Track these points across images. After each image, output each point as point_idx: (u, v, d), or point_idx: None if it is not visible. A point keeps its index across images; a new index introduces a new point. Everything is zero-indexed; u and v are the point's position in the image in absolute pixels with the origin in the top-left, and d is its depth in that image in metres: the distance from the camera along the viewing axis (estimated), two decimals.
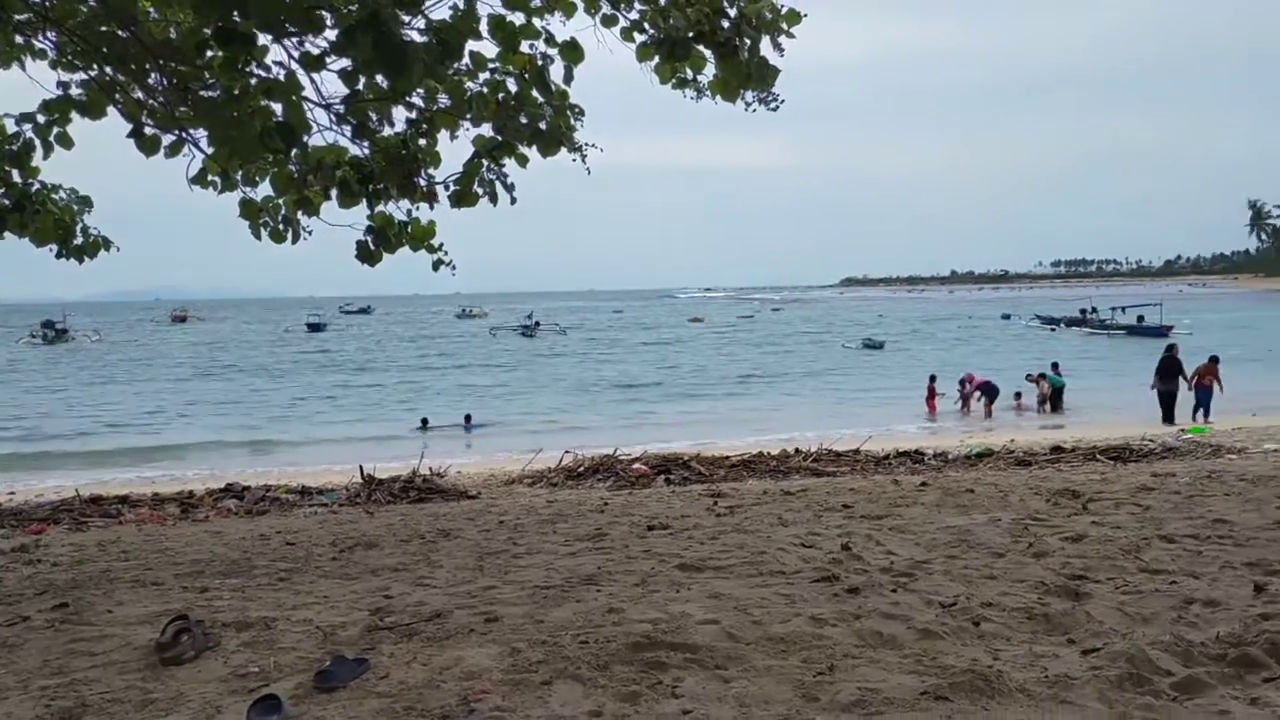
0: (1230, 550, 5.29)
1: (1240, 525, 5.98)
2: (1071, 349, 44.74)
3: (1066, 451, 12.02)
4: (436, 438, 22.30)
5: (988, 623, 4.06)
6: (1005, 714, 3.09)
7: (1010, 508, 7.09)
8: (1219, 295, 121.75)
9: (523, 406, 29.70)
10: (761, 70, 6.09)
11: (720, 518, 7.14)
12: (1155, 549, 5.38)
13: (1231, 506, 6.70)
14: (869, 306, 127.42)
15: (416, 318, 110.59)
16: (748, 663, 3.65)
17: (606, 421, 25.22)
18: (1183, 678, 3.31)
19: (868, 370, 40.84)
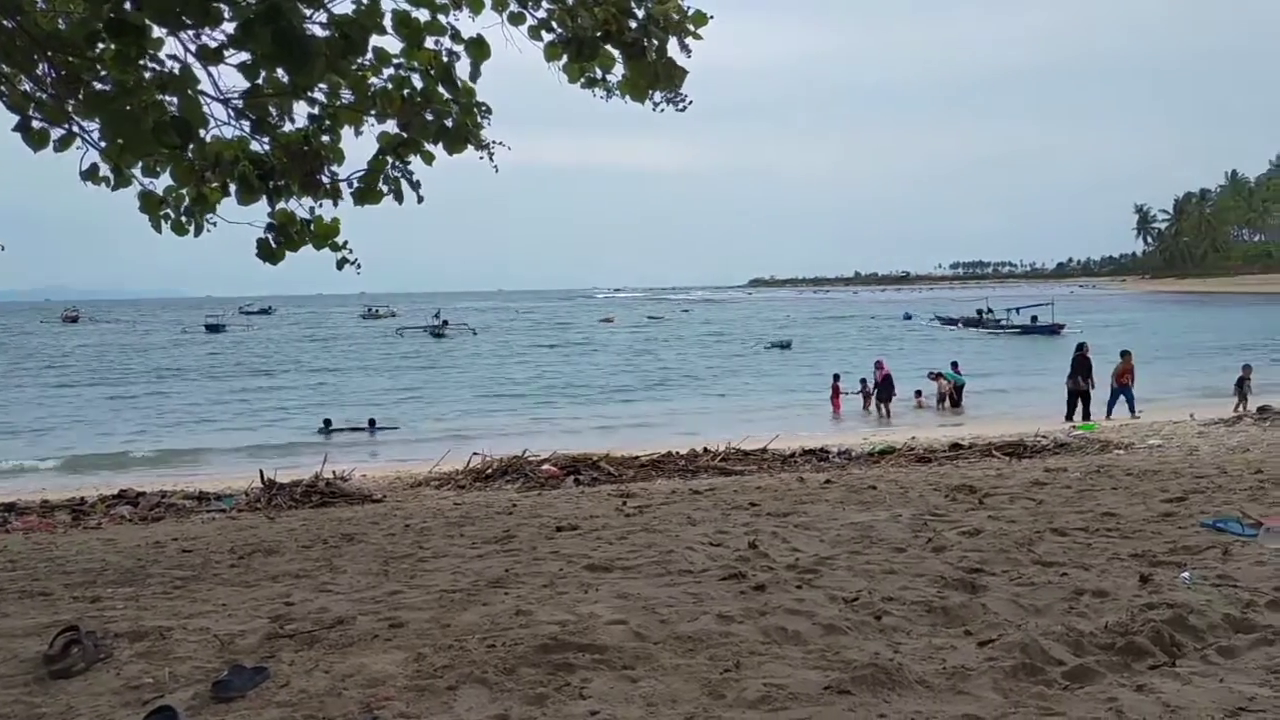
0: (1118, 542, 5.50)
1: (1127, 518, 6.22)
2: (970, 348, 45.99)
3: (965, 448, 12.35)
4: (340, 441, 21.90)
5: (889, 616, 4.15)
6: (905, 705, 3.16)
7: (911, 503, 7.26)
8: (1107, 296, 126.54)
9: (430, 408, 29.36)
10: (669, 71, 6.13)
11: (629, 518, 7.15)
12: (1048, 542, 5.56)
13: (1119, 500, 6.96)
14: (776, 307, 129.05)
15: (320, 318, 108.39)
16: (655, 662, 3.66)
17: (516, 423, 25.07)
18: (1073, 667, 3.42)
19: (775, 370, 41.36)
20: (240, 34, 4.58)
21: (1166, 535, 5.62)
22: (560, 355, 52.66)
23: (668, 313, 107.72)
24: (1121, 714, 3.02)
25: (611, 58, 6.12)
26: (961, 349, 43.26)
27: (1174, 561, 4.96)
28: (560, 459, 11.87)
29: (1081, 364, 20.00)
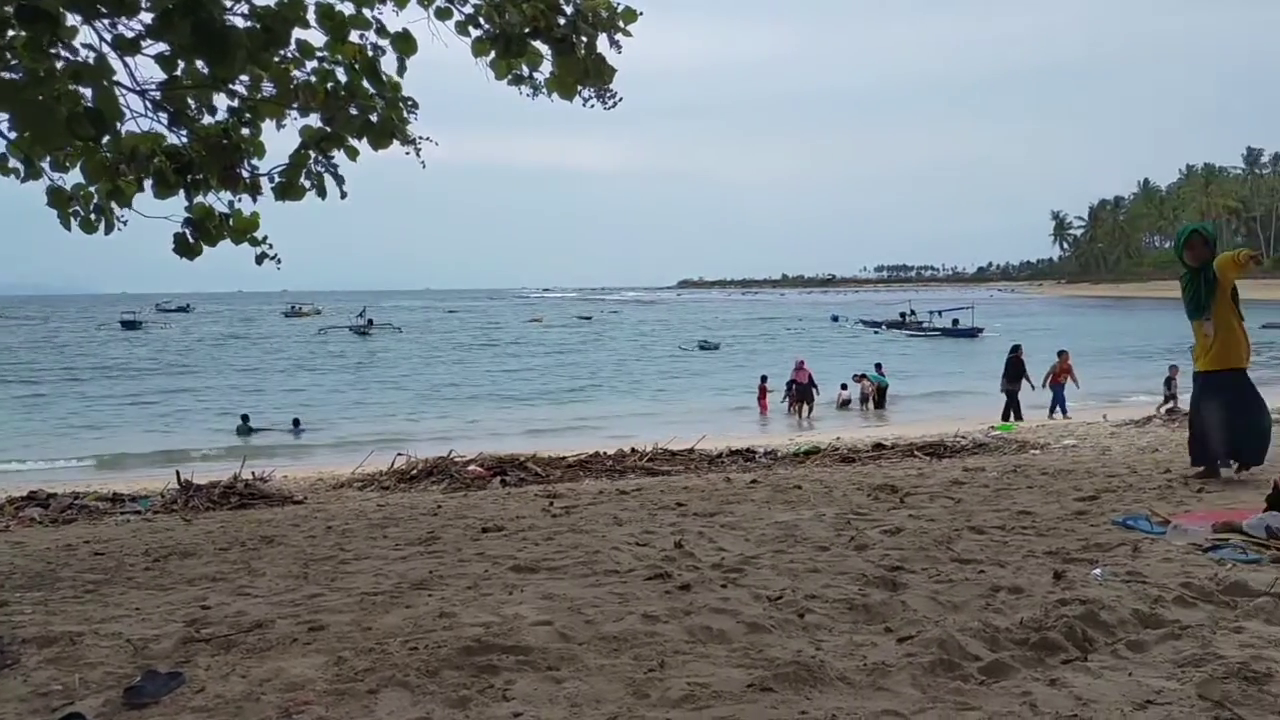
0: (1033, 540, 5.64)
1: (1042, 516, 6.38)
2: (893, 350, 46.76)
3: (887, 448, 12.56)
4: (262, 442, 21.49)
5: (812, 614, 4.19)
6: (826, 702, 3.19)
7: (835, 503, 7.36)
8: (1025, 300, 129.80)
9: (354, 409, 28.97)
10: (599, 68, 6.13)
11: (556, 518, 7.13)
12: (966, 540, 5.68)
13: (1034, 499, 7.14)
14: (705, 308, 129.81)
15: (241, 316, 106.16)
16: (580, 663, 3.65)
17: (442, 424, 24.87)
18: (989, 662, 3.49)
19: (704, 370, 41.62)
20: (158, 24, 4.47)
21: (1079, 533, 5.77)
22: (488, 356, 52.36)
23: (597, 313, 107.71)
24: (1035, 708, 3.09)
25: (540, 54, 6.10)
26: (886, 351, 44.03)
27: (1086, 558, 5.09)
28: (487, 460, 11.79)
29: (1015, 366, 20.46)
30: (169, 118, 5.83)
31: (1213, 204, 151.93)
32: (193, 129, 5.99)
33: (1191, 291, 7.55)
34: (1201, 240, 7.60)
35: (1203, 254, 7.49)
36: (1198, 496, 7.00)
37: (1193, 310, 7.58)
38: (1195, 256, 7.52)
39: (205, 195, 6.14)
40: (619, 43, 6.01)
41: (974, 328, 58.72)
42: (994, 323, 63.04)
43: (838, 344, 55.48)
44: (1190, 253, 7.55)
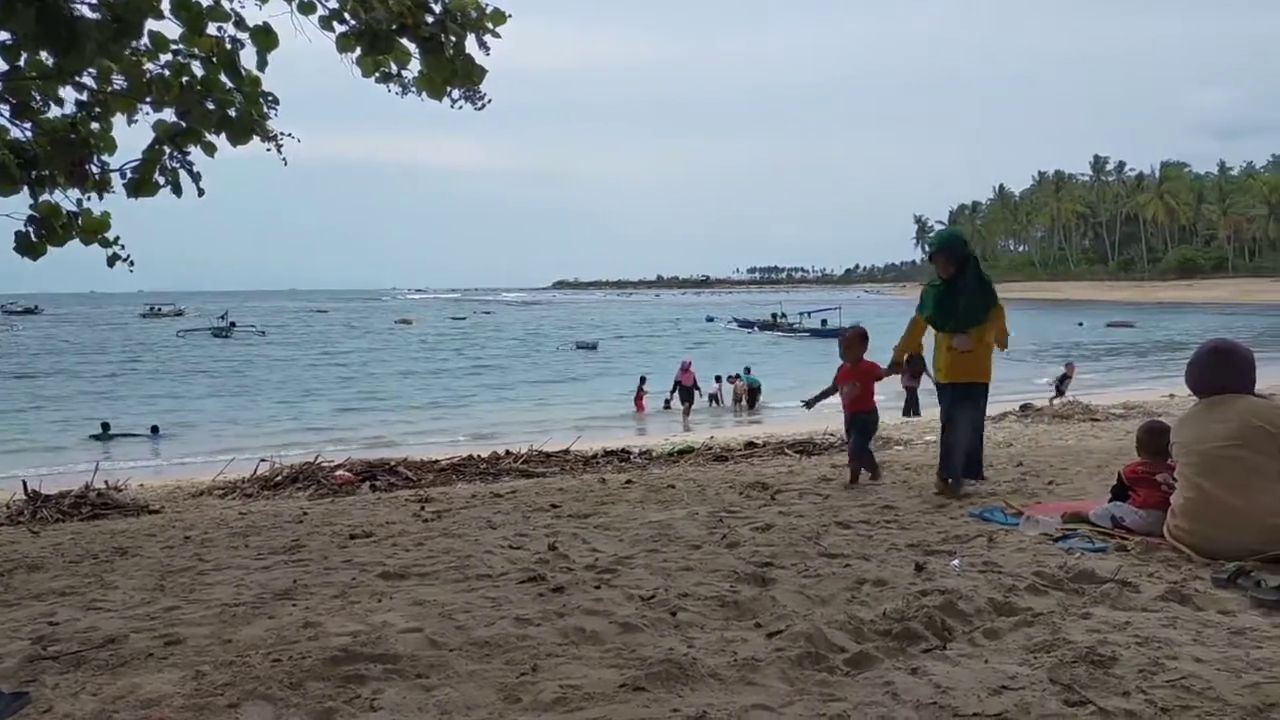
0: (896, 533, 5.82)
1: (904, 510, 6.60)
2: (766, 350, 47.64)
3: (759, 447, 12.79)
4: (117, 449, 20.54)
5: (684, 612, 4.23)
6: (697, 699, 3.23)
7: (707, 501, 7.45)
8: (890, 301, 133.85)
9: (215, 414, 27.95)
10: (467, 68, 6.06)
11: (427, 523, 7.02)
12: (833, 535, 5.82)
13: (898, 494, 7.37)
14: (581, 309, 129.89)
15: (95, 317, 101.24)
16: (450, 669, 3.60)
17: (308, 428, 24.21)
18: (854, 653, 3.58)
19: (581, 371, 41.62)
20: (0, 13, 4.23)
21: (939, 525, 5.99)
22: (357, 358, 51.18)
23: (471, 314, 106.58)
24: (897, 696, 3.19)
25: (407, 52, 6.01)
26: (758, 351, 44.83)
27: (946, 550, 5.28)
28: (355, 464, 11.54)
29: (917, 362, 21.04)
30: (11, 110, 5.53)
31: (1063, 209, 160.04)
32: (38, 122, 5.69)
33: (949, 304, 7.16)
34: (946, 259, 7.19)
35: (949, 269, 7.14)
36: (1049, 489, 7.35)
37: (949, 323, 7.16)
38: (945, 269, 7.18)
39: (51, 193, 5.84)
40: (487, 44, 5.97)
41: (842, 328, 60.40)
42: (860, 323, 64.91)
43: (712, 344, 56.22)
44: (940, 266, 7.23)
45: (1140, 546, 5.19)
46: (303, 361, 49.32)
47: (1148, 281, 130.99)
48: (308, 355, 53.49)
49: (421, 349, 57.53)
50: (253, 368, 45.66)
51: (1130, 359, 44.97)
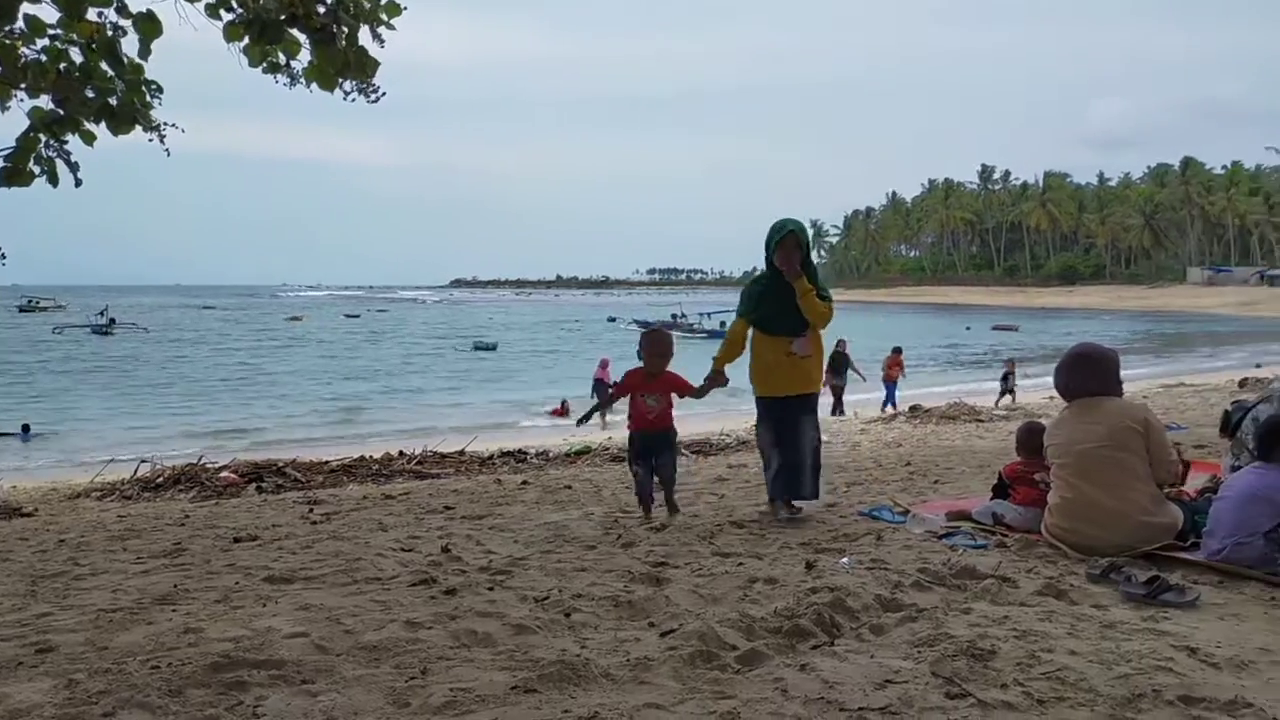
0: (788, 532, 5.91)
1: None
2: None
3: None
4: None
5: (578, 613, 4.21)
6: (590, 699, 3.22)
7: (604, 502, 7.45)
8: None
9: (93, 413, 26.86)
10: (360, 60, 5.93)
11: (316, 525, 6.86)
12: (727, 534, 5.88)
13: None
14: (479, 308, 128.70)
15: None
16: (337, 674, 3.51)
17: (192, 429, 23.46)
18: (745, 651, 3.62)
19: (479, 371, 41.24)
20: None
21: (830, 524, 6.10)
22: (243, 356, 49.74)
23: (365, 312, 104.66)
24: (786, 692, 3.23)
25: (297, 43, 5.84)
26: None
27: (835, 548, 5.38)
28: (242, 465, 11.21)
29: (840, 360, 21.25)
30: None
31: (951, 215, 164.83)
32: None
33: (783, 302, 6.19)
34: (796, 244, 6.21)
35: (795, 259, 6.16)
36: (935, 488, 7.55)
37: (785, 324, 6.21)
38: (788, 261, 6.16)
39: None
40: (382, 36, 5.85)
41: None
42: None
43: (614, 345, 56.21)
44: (782, 255, 6.17)
45: (1019, 543, 5.37)
46: (186, 359, 47.72)
47: (1031, 287, 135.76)
48: (192, 353, 51.78)
49: (311, 347, 56.23)
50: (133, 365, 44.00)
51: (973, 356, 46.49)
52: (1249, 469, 5.01)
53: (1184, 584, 4.50)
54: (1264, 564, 4.65)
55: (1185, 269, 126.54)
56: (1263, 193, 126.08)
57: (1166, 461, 5.21)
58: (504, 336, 62.39)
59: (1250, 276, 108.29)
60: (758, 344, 6.29)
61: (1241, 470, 5.17)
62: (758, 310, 6.29)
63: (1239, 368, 27.95)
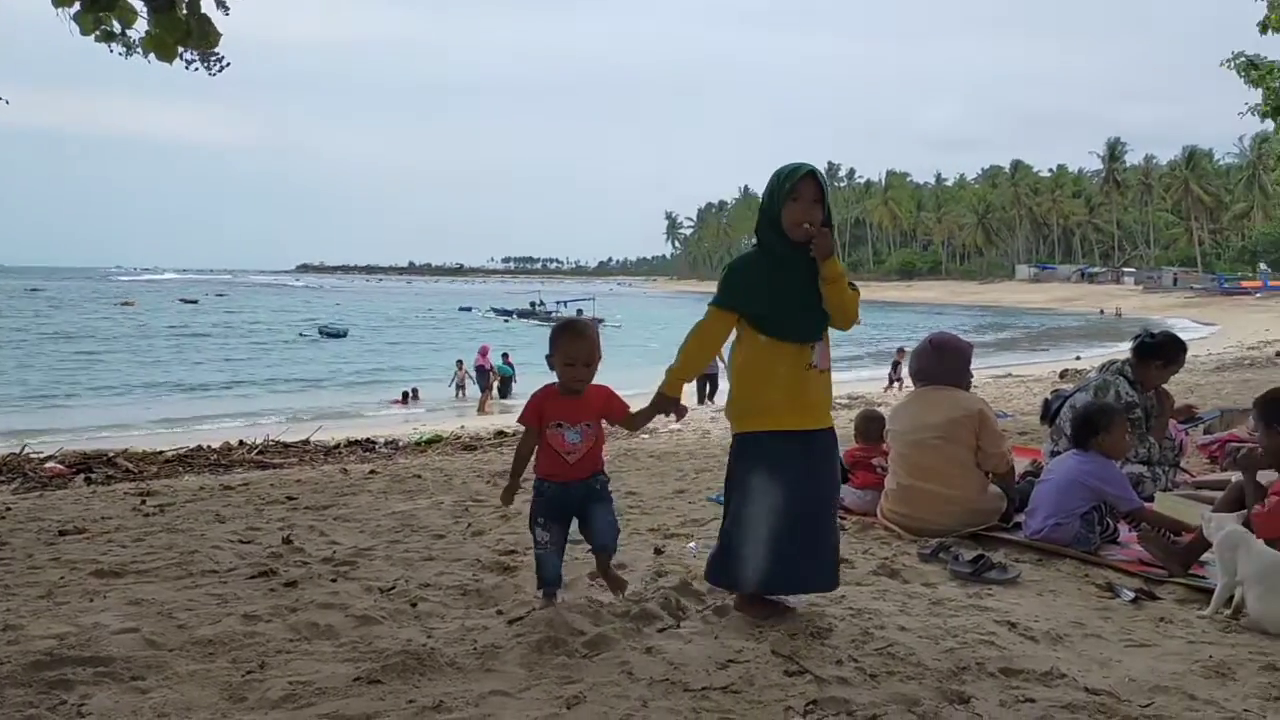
0: (638, 518, 5.99)
1: (647, 496, 6.79)
2: (522, 339, 47.61)
3: (509, 436, 12.77)
4: None
5: (425, 603, 4.17)
6: (434, 689, 3.19)
7: (454, 490, 7.37)
8: (642, 294, 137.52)
9: None
10: (203, 29, 5.71)
11: (148, 517, 6.55)
12: None
13: (641, 480, 7.58)
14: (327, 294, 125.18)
15: None
16: (169, 670, 3.38)
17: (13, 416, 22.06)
18: (593, 636, 3.65)
19: (327, 358, 40.13)
20: None
21: (679, 510, 6.21)
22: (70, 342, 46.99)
23: (204, 296, 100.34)
24: (632, 675, 3.28)
25: (133, 10, 5.58)
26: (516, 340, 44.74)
27: (684, 533, 5.48)
28: (69, 455, 10.61)
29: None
30: None
31: None
32: None
33: (804, 293, 3.86)
34: (818, 194, 3.85)
35: (815, 216, 3.81)
36: None
37: (802, 325, 3.90)
38: (808, 219, 3.80)
39: None
40: (227, 4, 5.64)
41: (596, 318, 61.50)
42: (616, 314, 66.19)
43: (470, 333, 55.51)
44: (799, 211, 3.81)
45: (857, 525, 5.60)
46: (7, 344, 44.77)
47: (873, 282, 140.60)
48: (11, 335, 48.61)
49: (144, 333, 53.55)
50: None
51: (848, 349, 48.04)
52: (1067, 455, 5.35)
53: (1006, 562, 4.78)
54: (1079, 543, 4.99)
55: (1014, 266, 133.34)
56: (1084, 195, 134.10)
57: (997, 454, 5.50)
58: (354, 323, 60.82)
59: (1072, 274, 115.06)
60: (757, 354, 3.90)
61: (1061, 456, 5.52)
62: (760, 302, 3.87)
63: (1060, 359, 29.67)
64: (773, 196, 3.88)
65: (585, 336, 4.06)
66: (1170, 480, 6.18)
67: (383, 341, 50.68)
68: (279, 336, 52.76)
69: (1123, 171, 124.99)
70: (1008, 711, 3.02)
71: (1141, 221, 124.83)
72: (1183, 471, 6.53)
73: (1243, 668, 3.41)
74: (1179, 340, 6.42)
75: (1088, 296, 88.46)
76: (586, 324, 4.16)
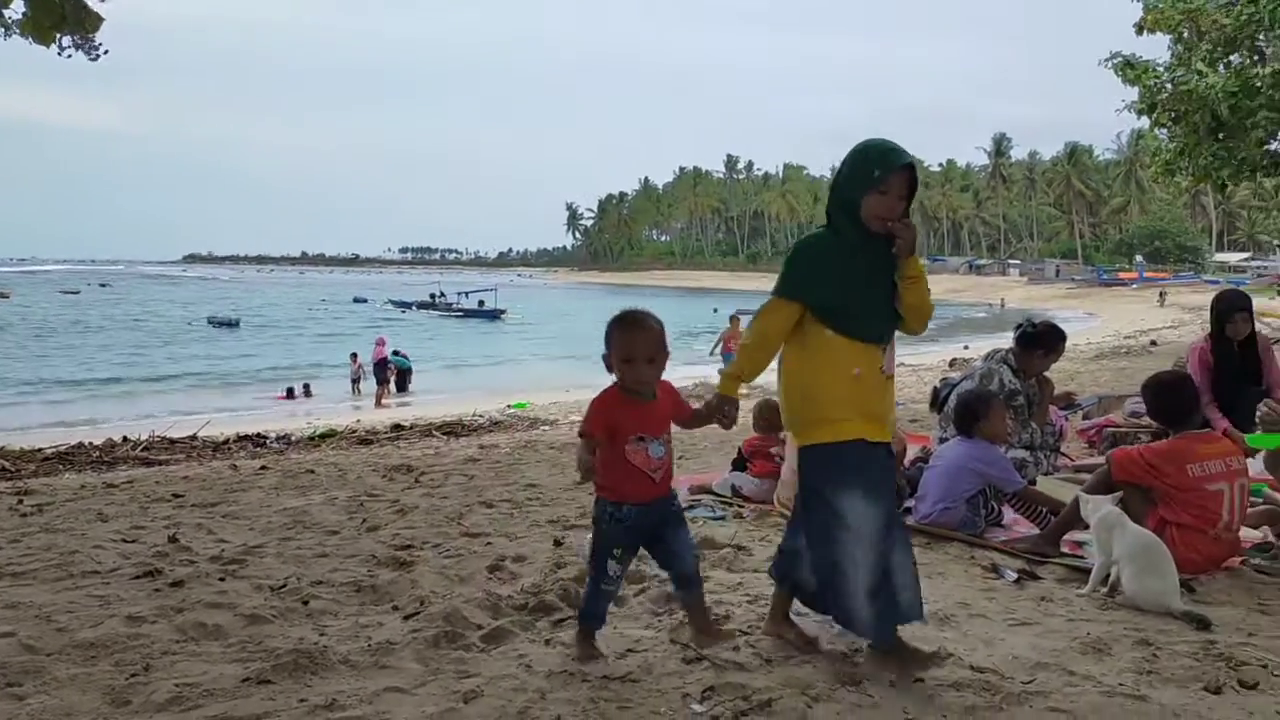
0: (538, 510, 5.97)
1: (548, 488, 6.77)
2: (422, 331, 47.00)
3: (406, 429, 12.61)
4: None
5: (317, 600, 4.09)
6: (327, 687, 3.14)
7: (349, 485, 7.25)
8: (543, 286, 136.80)
9: None
10: (79, 13, 5.48)
11: (25, 517, 6.27)
12: (476, 514, 5.87)
13: (542, 472, 7.56)
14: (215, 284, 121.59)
15: None
16: (48, 675, 3.25)
17: None
18: (491, 629, 3.64)
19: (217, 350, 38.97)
20: None
21: (579, 501, 6.20)
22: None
23: (85, 287, 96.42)
24: (530, 667, 3.28)
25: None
26: (414, 332, 44.09)
27: (584, 524, 5.47)
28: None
29: None
30: None
31: (699, 203, 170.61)
32: None
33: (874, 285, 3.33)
34: (910, 187, 3.31)
35: (901, 199, 3.28)
36: (679, 463, 7.80)
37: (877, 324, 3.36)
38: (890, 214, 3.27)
39: None
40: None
41: (498, 309, 61.03)
42: (517, 305, 65.77)
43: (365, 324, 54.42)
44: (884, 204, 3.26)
45: (755, 514, 5.68)
46: None
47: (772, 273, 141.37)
48: None
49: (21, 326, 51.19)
50: None
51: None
52: (953, 441, 5.51)
53: None
54: (965, 526, 5.14)
55: None
56: (972, 189, 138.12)
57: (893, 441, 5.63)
58: (245, 314, 59.11)
59: (960, 266, 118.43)
60: (826, 352, 3.29)
61: (949, 442, 5.67)
62: (831, 292, 3.28)
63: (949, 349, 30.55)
64: (854, 181, 3.26)
65: (646, 327, 3.33)
66: (1051, 464, 6.41)
67: (275, 333, 49.39)
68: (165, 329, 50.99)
69: (1008, 166, 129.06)
70: (896, 692, 3.10)
71: (1026, 215, 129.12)
72: (1063, 456, 6.78)
73: (1118, 643, 3.56)
74: (1059, 329, 6.65)
75: (976, 288, 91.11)
76: (646, 313, 3.41)
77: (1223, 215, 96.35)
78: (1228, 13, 15.90)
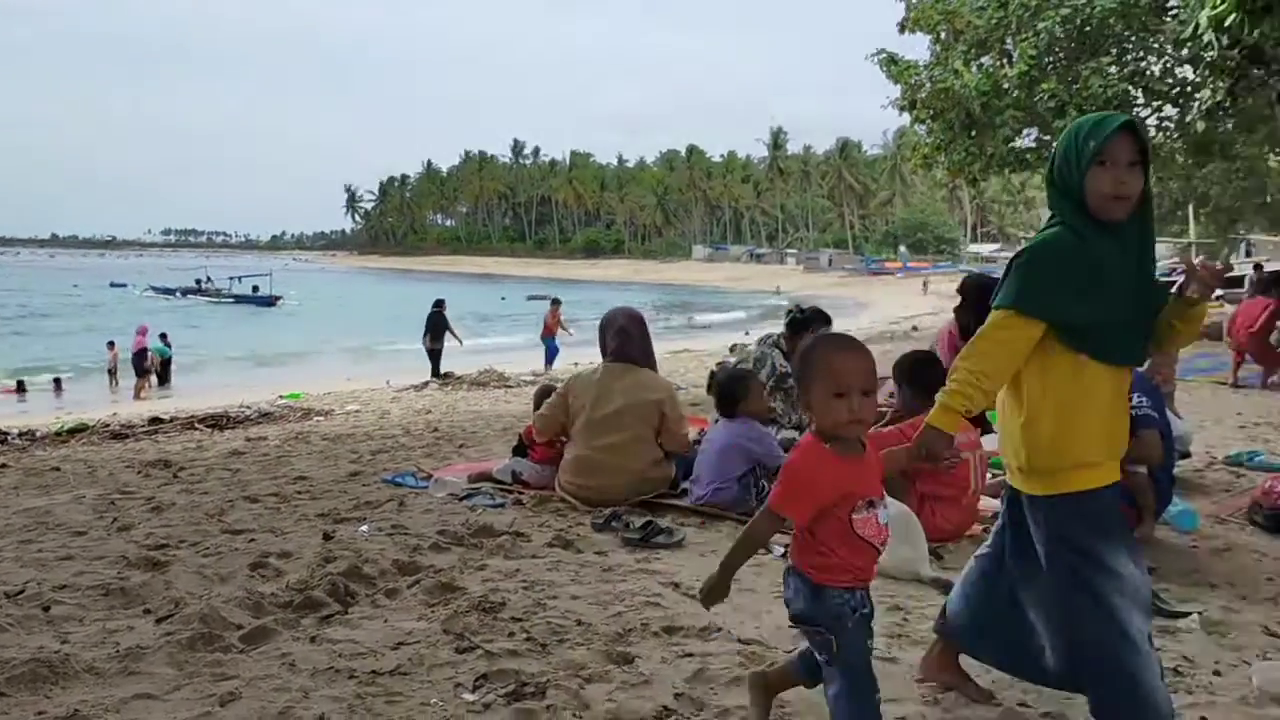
0: (308, 504, 5.74)
1: (319, 480, 6.53)
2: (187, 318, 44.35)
3: (166, 422, 11.85)
4: None
5: (60, 605, 3.79)
6: (69, 697, 2.92)
7: (99, 483, 6.76)
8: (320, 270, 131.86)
9: None
10: None
11: None
12: (240, 510, 5.58)
13: (313, 464, 7.27)
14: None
15: None
16: None
17: None
18: (251, 629, 3.47)
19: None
20: None
21: (352, 493, 6.01)
22: None
23: None
24: (294, 666, 3.15)
25: None
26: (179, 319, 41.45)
27: (357, 517, 5.32)
28: None
29: (438, 322, 20.40)
30: None
31: (485, 187, 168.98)
32: None
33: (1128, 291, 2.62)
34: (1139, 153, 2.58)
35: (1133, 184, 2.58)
36: (460, 452, 7.72)
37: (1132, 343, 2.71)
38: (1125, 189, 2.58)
39: None
40: None
41: (273, 295, 58.27)
42: (292, 290, 63.02)
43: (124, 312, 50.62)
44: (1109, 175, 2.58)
45: (535, 499, 5.68)
46: None
47: (560, 259, 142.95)
48: None
49: None
50: None
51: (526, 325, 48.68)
52: (719, 424, 5.68)
53: (673, 526, 5.01)
54: (737, 505, 5.32)
55: (691, 246, 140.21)
56: (752, 180, 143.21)
57: (678, 435, 5.77)
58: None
59: (742, 254, 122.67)
60: (1078, 381, 2.63)
61: (718, 424, 5.85)
62: (1080, 307, 2.59)
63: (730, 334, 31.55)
64: (1070, 162, 2.63)
65: (858, 348, 2.54)
66: None
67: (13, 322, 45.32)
68: None
69: (785, 159, 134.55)
70: (667, 667, 3.18)
71: (802, 206, 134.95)
72: None
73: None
74: (825, 314, 6.98)
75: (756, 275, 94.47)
76: (847, 335, 2.82)
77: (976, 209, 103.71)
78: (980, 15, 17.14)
